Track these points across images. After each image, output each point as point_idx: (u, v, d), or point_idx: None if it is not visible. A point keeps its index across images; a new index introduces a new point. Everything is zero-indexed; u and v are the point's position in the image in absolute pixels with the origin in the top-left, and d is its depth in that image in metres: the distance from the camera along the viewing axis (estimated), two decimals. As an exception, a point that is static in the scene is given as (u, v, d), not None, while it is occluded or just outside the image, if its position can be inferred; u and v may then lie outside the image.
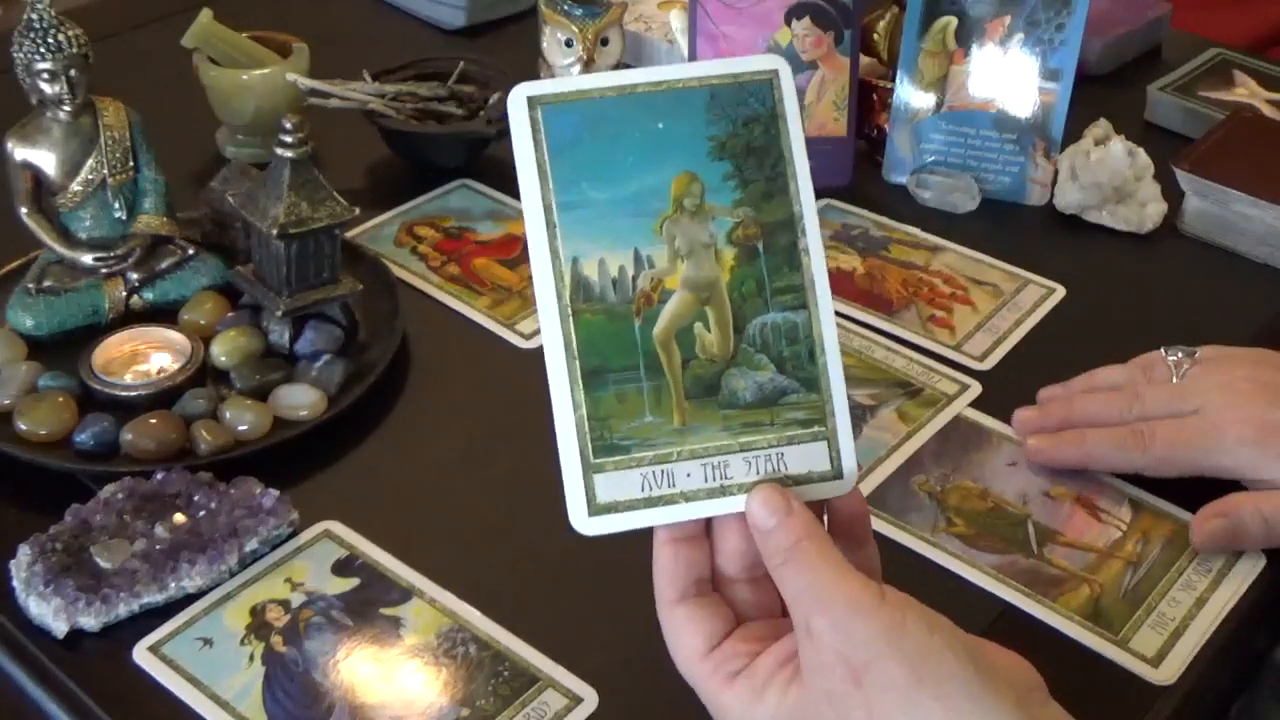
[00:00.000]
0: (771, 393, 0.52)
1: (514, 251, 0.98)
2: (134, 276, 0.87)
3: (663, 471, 0.51)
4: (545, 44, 1.08)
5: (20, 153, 0.85)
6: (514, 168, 0.52)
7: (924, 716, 0.47)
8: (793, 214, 0.53)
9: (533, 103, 0.52)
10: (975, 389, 0.85)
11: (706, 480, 0.52)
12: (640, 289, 0.52)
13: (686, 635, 0.53)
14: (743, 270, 0.53)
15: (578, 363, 0.51)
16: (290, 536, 0.73)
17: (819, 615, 0.49)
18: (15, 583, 0.69)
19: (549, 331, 0.51)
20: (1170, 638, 0.69)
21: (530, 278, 0.52)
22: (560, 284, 0.51)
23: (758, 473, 0.52)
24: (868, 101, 1.06)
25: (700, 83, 0.53)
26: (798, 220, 0.53)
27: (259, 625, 0.68)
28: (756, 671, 0.51)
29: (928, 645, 0.48)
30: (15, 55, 0.84)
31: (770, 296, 0.53)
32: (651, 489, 0.51)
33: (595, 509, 0.51)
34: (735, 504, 0.52)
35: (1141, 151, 1.00)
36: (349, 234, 0.95)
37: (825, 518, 0.54)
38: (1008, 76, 1.01)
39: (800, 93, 1.03)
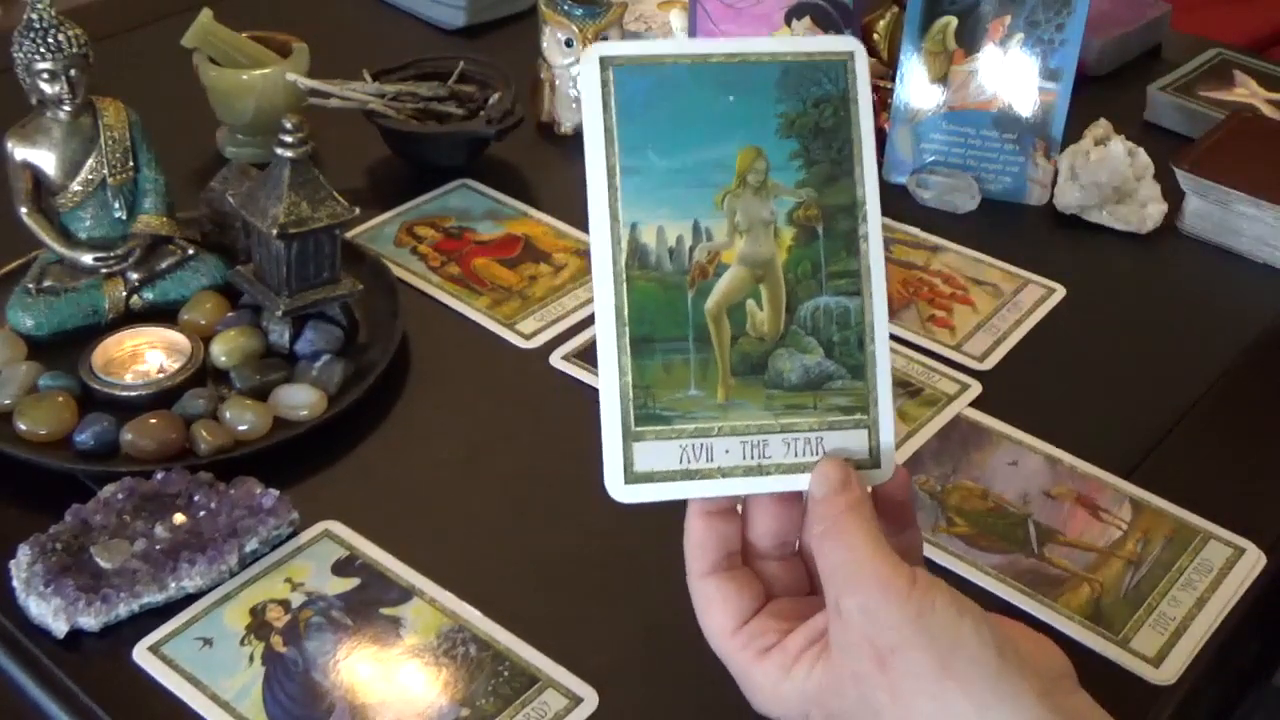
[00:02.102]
0: (817, 377, 0.52)
1: (514, 251, 0.97)
2: (134, 276, 0.87)
3: (702, 445, 0.51)
4: (545, 44, 1.08)
5: (20, 153, 0.85)
6: (581, 130, 0.51)
7: (948, 704, 0.47)
8: (855, 199, 0.53)
9: (605, 63, 0.51)
10: (975, 389, 0.85)
11: (744, 458, 0.52)
12: (696, 260, 0.51)
13: (716, 610, 0.52)
14: (800, 251, 0.52)
15: (627, 329, 0.51)
16: (290, 536, 0.73)
17: (849, 595, 0.49)
18: (15, 583, 0.69)
19: (602, 295, 0.51)
20: (1171, 637, 0.69)
21: (537, 274, 0.52)
22: (617, 248, 0.51)
23: (796, 455, 0.52)
24: (868, 101, 1.06)
25: (774, 58, 0.52)
26: (860, 206, 0.53)
27: (259, 625, 0.68)
28: (787, 648, 0.51)
29: (956, 633, 0.47)
30: (15, 55, 0.84)
31: (825, 280, 0.52)
32: (689, 462, 0.51)
33: (632, 477, 0.51)
34: (770, 484, 0.52)
35: (1141, 151, 1.00)
36: (349, 234, 0.95)
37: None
38: (1008, 76, 1.01)
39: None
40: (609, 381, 0.51)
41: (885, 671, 0.48)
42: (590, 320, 0.87)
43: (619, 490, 0.51)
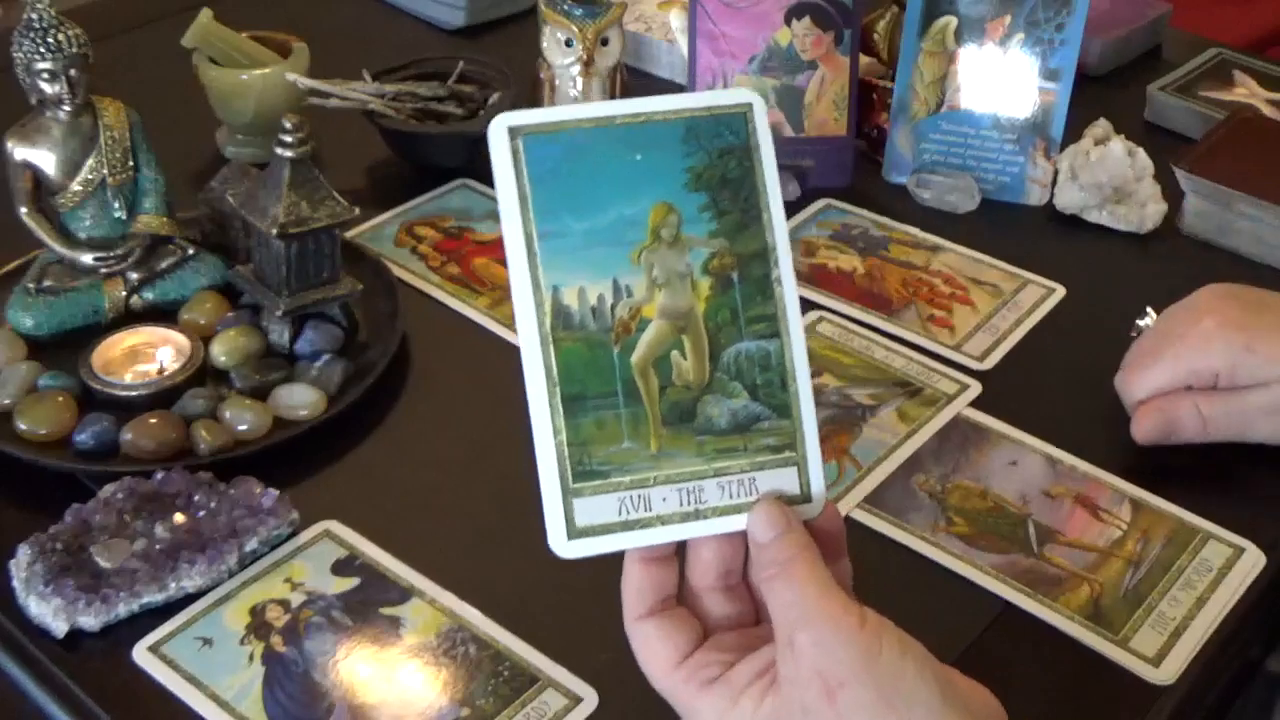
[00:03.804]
0: (745, 419, 0.54)
1: (514, 251, 0.97)
2: (134, 276, 0.87)
3: (639, 496, 0.53)
4: (545, 44, 1.08)
5: (20, 152, 0.85)
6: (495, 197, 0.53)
7: None
8: (766, 245, 0.54)
9: (514, 133, 0.53)
10: (975, 389, 0.85)
11: (681, 504, 0.53)
12: (619, 317, 0.53)
13: (656, 647, 0.54)
14: (718, 300, 0.54)
15: (558, 389, 0.52)
16: (290, 536, 0.73)
17: (802, 630, 0.51)
18: (15, 583, 0.69)
19: (530, 359, 0.52)
20: (1170, 637, 0.69)
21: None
22: (541, 312, 0.52)
23: (731, 496, 0.54)
24: (868, 101, 1.06)
25: (676, 115, 0.54)
26: (770, 251, 0.54)
27: (259, 625, 0.68)
28: (733, 680, 0.53)
29: (900, 670, 0.50)
30: (15, 55, 0.84)
31: (744, 325, 0.54)
32: (628, 513, 0.53)
33: (574, 532, 0.53)
34: (708, 527, 0.53)
35: (1141, 151, 1.00)
36: (349, 234, 0.95)
37: None
38: (1008, 76, 1.01)
39: (800, 92, 1.03)
40: (544, 442, 0.52)
41: (834, 705, 0.50)
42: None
43: (562, 546, 0.53)
